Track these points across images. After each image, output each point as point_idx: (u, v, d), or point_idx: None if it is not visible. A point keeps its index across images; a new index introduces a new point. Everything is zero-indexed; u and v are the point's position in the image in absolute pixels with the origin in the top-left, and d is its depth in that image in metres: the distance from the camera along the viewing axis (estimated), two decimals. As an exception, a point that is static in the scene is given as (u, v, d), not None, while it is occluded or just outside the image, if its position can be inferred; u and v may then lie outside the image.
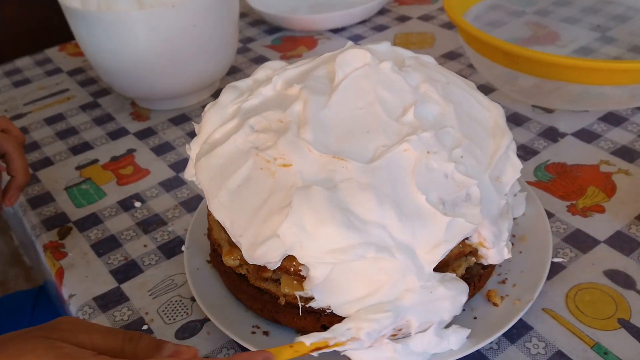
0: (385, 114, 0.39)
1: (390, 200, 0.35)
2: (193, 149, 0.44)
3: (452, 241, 0.36)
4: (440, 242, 0.36)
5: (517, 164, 0.41)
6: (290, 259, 0.37)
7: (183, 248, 0.48)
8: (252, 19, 0.92)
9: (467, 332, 0.39)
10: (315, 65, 0.45)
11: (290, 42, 0.85)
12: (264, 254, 0.36)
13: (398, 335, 0.37)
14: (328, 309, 0.38)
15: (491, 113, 0.44)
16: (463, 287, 0.38)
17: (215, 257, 0.46)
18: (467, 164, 0.38)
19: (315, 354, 0.35)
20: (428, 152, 0.37)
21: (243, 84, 0.47)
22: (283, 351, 0.34)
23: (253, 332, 0.41)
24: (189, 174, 0.45)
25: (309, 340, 0.35)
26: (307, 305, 0.38)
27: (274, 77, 0.44)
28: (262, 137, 0.40)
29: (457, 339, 0.38)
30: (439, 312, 0.37)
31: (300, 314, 0.39)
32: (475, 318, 0.41)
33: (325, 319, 0.39)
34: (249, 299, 0.42)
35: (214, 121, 0.44)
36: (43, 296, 0.67)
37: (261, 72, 0.47)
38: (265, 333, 0.42)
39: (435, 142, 0.38)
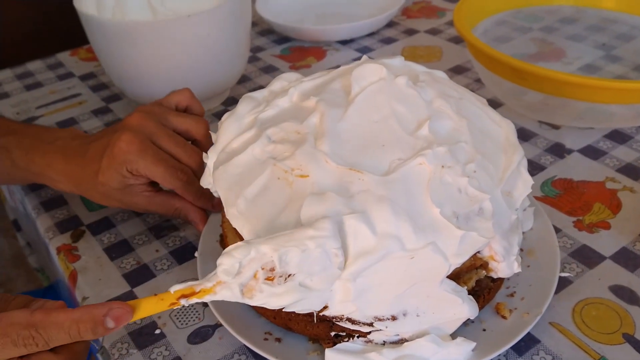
0: (401, 128, 0.41)
1: (406, 213, 0.36)
2: (210, 157, 0.45)
3: (464, 254, 0.37)
4: (453, 255, 0.37)
5: (528, 179, 0.42)
6: None
7: (196, 254, 0.49)
8: (261, 29, 0.93)
9: (473, 345, 0.40)
10: (330, 78, 0.46)
11: (299, 52, 0.86)
12: None
13: (275, 279, 0.35)
14: (341, 317, 0.39)
15: (502, 129, 0.45)
16: (330, 229, 0.35)
17: None
18: (479, 178, 0.39)
19: (184, 302, 0.35)
20: (442, 166, 0.38)
21: (259, 94, 0.47)
22: (145, 301, 0.35)
23: (266, 339, 0.42)
24: (205, 181, 0.46)
25: (174, 288, 0.35)
26: (320, 314, 0.39)
27: (290, 89, 0.45)
28: (279, 147, 0.40)
29: (461, 351, 0.39)
30: (300, 243, 0.34)
31: (315, 322, 0.40)
32: (484, 330, 0.42)
33: (338, 327, 0.40)
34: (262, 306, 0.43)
35: (231, 131, 0.45)
36: (50, 297, 0.68)
37: (277, 83, 0.48)
38: (278, 340, 0.42)
39: (449, 156, 0.39)
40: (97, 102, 0.77)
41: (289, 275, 0.35)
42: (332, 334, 0.41)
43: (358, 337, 0.40)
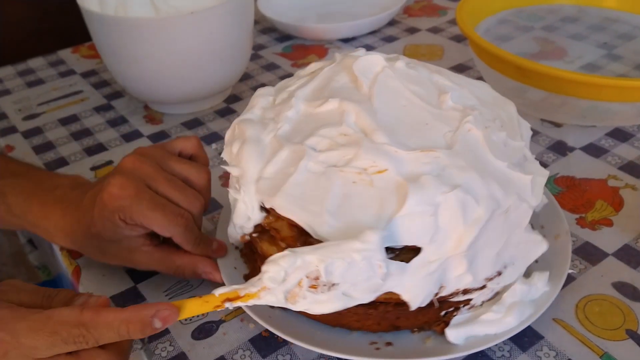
0: (428, 105, 0.43)
1: (488, 174, 0.39)
2: (246, 191, 0.41)
3: (538, 195, 0.41)
4: (531, 199, 0.41)
5: (526, 124, 0.46)
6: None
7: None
8: (263, 27, 0.93)
9: (547, 273, 0.43)
10: (325, 78, 0.46)
11: (301, 50, 0.86)
12: None
13: (319, 287, 0.36)
14: (457, 292, 0.40)
15: (483, 89, 0.48)
16: (376, 242, 0.36)
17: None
18: (508, 131, 0.43)
19: (229, 306, 0.35)
20: (486, 127, 0.41)
21: (253, 115, 0.45)
22: (190, 303, 0.35)
23: (377, 348, 0.41)
24: (242, 218, 0.42)
25: (219, 291, 0.35)
26: (438, 296, 0.40)
27: (292, 100, 0.44)
28: (333, 154, 0.39)
29: (543, 282, 0.43)
30: (346, 255, 0.35)
31: (437, 305, 0.41)
32: (536, 262, 0.45)
33: (447, 305, 0.41)
34: (360, 319, 0.42)
35: (256, 157, 0.41)
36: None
37: (262, 100, 0.46)
38: (389, 344, 0.42)
39: (483, 118, 0.42)
40: (98, 99, 0.77)
41: (333, 285, 0.36)
42: (442, 313, 0.42)
43: (464, 306, 0.42)
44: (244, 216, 0.42)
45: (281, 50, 0.87)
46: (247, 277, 0.47)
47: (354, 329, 0.43)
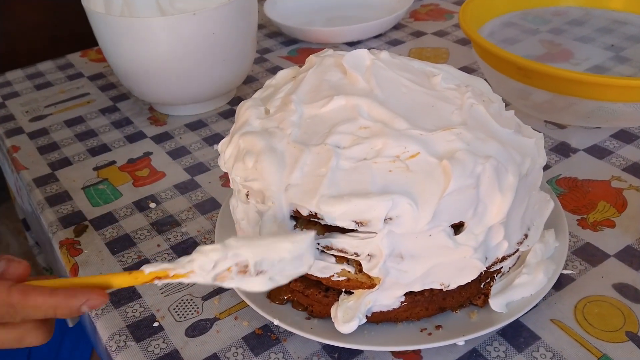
0: (425, 89, 0.44)
1: (506, 143, 0.41)
2: (276, 203, 0.39)
3: (543, 155, 0.43)
4: (540, 159, 0.43)
5: (497, 96, 0.47)
6: None
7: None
8: (269, 31, 0.94)
9: (552, 230, 0.47)
10: (315, 79, 0.45)
11: (306, 53, 0.86)
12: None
13: (247, 272, 0.36)
14: (497, 261, 0.41)
15: (451, 71, 0.49)
16: (307, 242, 0.36)
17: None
18: (496, 103, 0.45)
19: (157, 282, 0.35)
20: (483, 100, 0.43)
21: (252, 127, 0.43)
22: (119, 277, 0.36)
23: (429, 334, 0.41)
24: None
25: (149, 269, 0.35)
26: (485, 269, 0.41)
27: (292, 104, 0.42)
28: (360, 148, 0.39)
29: (552, 237, 0.46)
30: (277, 254, 0.36)
31: (479, 279, 0.42)
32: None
33: (485, 276, 0.42)
34: (408, 308, 0.42)
35: (277, 167, 0.40)
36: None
37: (254, 111, 0.44)
38: (439, 327, 0.42)
39: (475, 94, 0.43)
40: (105, 101, 0.78)
41: (261, 271, 0.36)
42: (481, 285, 0.43)
43: (497, 275, 0.43)
44: (275, 228, 0.40)
45: (286, 54, 0.87)
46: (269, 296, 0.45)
47: (402, 319, 0.42)
